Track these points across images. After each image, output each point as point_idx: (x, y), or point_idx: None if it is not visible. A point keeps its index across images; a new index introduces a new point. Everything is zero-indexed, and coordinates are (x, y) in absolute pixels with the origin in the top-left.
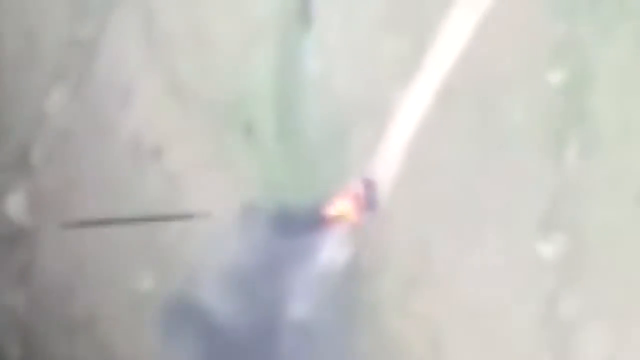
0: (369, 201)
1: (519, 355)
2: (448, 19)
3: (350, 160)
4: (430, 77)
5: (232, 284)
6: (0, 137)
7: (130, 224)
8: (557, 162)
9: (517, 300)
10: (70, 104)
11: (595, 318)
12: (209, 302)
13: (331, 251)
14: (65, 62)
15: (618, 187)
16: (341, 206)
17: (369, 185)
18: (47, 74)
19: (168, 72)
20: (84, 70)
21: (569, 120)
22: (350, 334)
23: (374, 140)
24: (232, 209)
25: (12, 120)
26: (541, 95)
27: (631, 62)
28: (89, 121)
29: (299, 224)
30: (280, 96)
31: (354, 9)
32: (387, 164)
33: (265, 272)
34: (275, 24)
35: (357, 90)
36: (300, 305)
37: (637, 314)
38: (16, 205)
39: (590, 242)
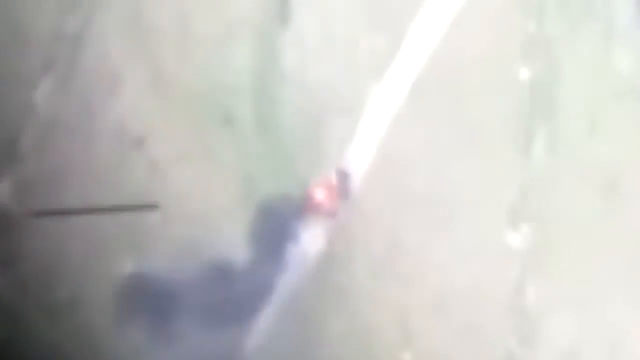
0: (342, 191)
1: (486, 340)
2: (422, 16)
3: (326, 151)
4: (403, 71)
5: (212, 271)
6: None
7: (92, 214)
8: (526, 155)
9: (485, 288)
10: (57, 95)
11: (560, 306)
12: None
13: (306, 238)
14: (53, 54)
15: (584, 180)
16: (317, 195)
17: (343, 176)
18: (35, 66)
19: (152, 65)
20: (71, 62)
21: (538, 115)
22: (322, 318)
23: (349, 132)
24: (212, 197)
25: (1, 110)
26: (511, 90)
27: (597, 59)
28: (75, 111)
29: (277, 212)
30: (259, 89)
31: (331, 4)
32: (360, 155)
33: (245, 259)
34: (254, 19)
35: (333, 83)
36: (279, 291)
37: (601, 302)
38: (3, 192)
39: (557, 233)
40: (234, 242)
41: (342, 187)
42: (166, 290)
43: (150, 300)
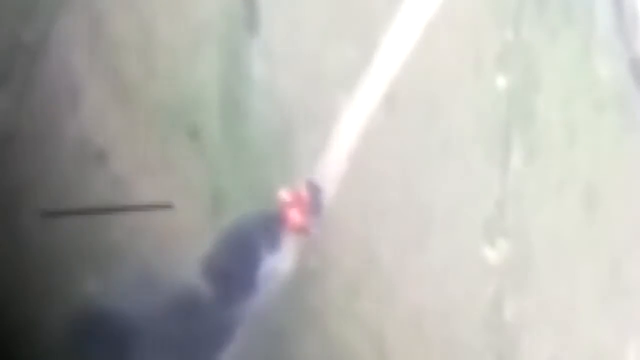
0: (313, 205)
1: (463, 357)
2: (394, 25)
3: (297, 164)
4: (375, 82)
5: (176, 302)
6: None
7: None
8: (503, 167)
9: (461, 304)
10: (13, 109)
11: (538, 322)
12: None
13: (277, 254)
14: (11, 67)
15: (563, 192)
16: (288, 210)
17: (314, 189)
18: None
19: (114, 76)
20: (28, 74)
21: (515, 125)
22: (296, 336)
23: (319, 144)
24: (178, 213)
25: None
26: (487, 100)
27: (576, 67)
28: (33, 126)
29: (246, 230)
30: (226, 100)
31: (300, 15)
32: (332, 167)
33: (214, 275)
34: (221, 29)
35: (303, 95)
36: (251, 308)
37: (580, 317)
38: None
39: (535, 247)
40: (200, 263)
41: (314, 201)
42: (126, 322)
43: (109, 330)
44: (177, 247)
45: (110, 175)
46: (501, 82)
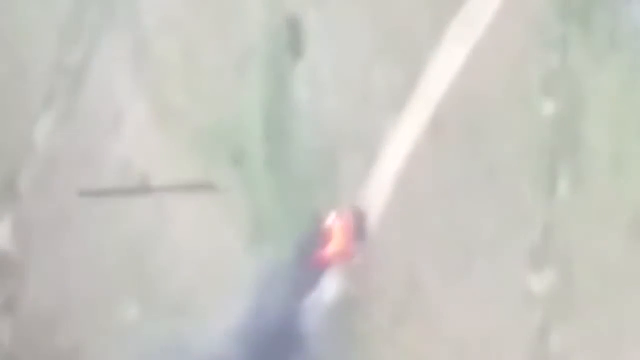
0: (358, 231)
1: None
2: (439, 50)
3: (341, 191)
4: (420, 107)
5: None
6: None
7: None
8: (549, 194)
9: (506, 334)
10: (57, 132)
11: (584, 352)
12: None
13: (323, 282)
14: (53, 89)
15: (610, 219)
16: (333, 237)
17: (359, 216)
18: (35, 101)
19: (157, 99)
20: (72, 97)
21: (561, 152)
22: None
23: (364, 170)
24: (220, 239)
25: (0, 145)
26: (533, 126)
27: (623, 92)
28: (77, 149)
29: (290, 259)
30: (270, 126)
31: (345, 40)
32: (376, 194)
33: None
34: (266, 54)
35: (348, 120)
36: (303, 338)
37: (626, 348)
38: (3, 234)
39: (581, 276)
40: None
41: (358, 227)
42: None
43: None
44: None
45: (153, 200)
46: (547, 108)
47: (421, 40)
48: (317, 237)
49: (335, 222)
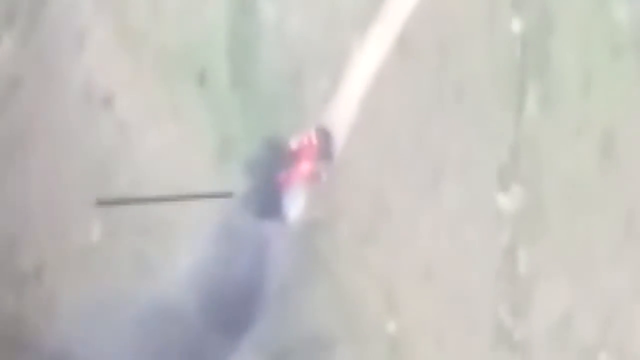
0: (324, 151)
1: (475, 308)
2: None
3: (306, 109)
4: (388, 24)
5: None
6: None
7: (158, 202)
8: (517, 113)
9: (474, 253)
10: (19, 51)
11: (552, 271)
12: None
13: (287, 204)
14: (14, 7)
15: (579, 138)
16: (297, 157)
17: (324, 135)
18: None
19: (120, 19)
20: (34, 16)
21: (530, 70)
22: (304, 283)
23: (330, 88)
24: (185, 159)
25: None
26: (502, 44)
27: (593, 11)
28: (39, 68)
29: (254, 177)
30: (235, 44)
31: None
32: (343, 113)
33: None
34: None
35: (314, 38)
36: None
37: (595, 266)
38: None
39: (550, 195)
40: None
41: (324, 147)
42: None
43: None
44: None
45: (116, 120)
46: (516, 25)
47: None
48: (283, 157)
49: (300, 141)
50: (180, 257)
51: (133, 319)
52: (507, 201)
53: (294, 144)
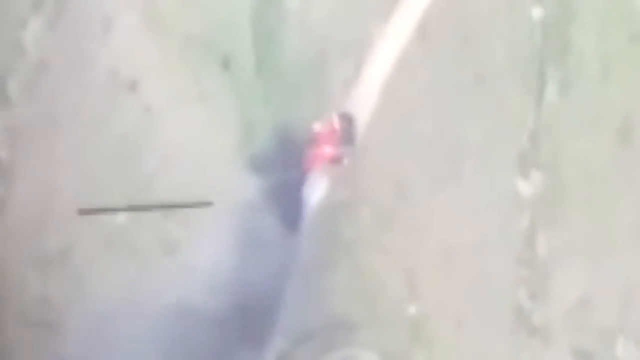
0: (346, 136)
1: (494, 292)
2: None
3: (329, 95)
4: (409, 11)
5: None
6: None
7: (145, 210)
8: (537, 99)
9: (494, 238)
10: (47, 35)
11: (571, 256)
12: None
13: (309, 187)
14: None
15: (598, 124)
16: (320, 141)
17: (347, 120)
18: (24, 5)
19: (147, 4)
20: (61, 1)
21: (550, 57)
22: (325, 267)
23: (353, 74)
24: (209, 143)
25: None
26: (523, 30)
27: None
28: (66, 53)
29: (278, 160)
30: (259, 30)
31: None
32: (365, 98)
33: (246, 209)
34: None
35: (336, 24)
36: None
37: (614, 252)
38: None
39: (569, 181)
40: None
41: (346, 132)
42: None
43: None
44: (208, 177)
45: (141, 104)
46: (536, 12)
47: None
48: (306, 141)
49: (323, 126)
50: (205, 239)
51: (158, 301)
52: (526, 186)
53: (316, 128)
